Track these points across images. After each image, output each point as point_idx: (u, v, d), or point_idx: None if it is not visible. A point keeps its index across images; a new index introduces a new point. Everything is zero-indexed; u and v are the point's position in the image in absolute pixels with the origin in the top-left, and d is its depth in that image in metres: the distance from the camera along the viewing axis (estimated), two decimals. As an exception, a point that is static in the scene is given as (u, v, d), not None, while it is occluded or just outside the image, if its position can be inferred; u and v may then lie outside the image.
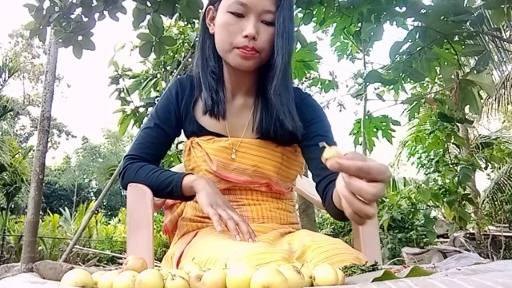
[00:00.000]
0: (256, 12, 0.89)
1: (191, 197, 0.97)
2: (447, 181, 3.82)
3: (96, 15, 2.06)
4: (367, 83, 3.64)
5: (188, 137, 1.06)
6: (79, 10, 2.07)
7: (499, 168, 6.89)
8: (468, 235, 5.70)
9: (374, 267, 0.67)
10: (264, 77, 0.95)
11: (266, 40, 0.90)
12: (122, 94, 3.80)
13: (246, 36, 0.89)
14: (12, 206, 9.62)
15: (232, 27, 0.90)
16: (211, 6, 0.97)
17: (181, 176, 0.94)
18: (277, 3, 0.90)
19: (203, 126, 1.02)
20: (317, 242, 0.82)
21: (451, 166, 3.67)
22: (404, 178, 8.80)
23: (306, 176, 1.33)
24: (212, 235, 0.92)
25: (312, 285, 0.58)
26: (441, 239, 6.56)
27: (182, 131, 1.08)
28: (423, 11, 1.76)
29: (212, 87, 0.97)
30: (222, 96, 0.97)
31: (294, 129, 0.94)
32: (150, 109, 3.68)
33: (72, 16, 2.07)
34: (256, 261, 0.70)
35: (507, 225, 6.69)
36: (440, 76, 2.33)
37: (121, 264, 0.69)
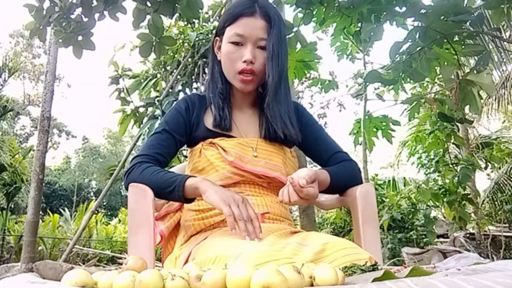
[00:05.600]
0: (252, 40, 1.06)
1: (191, 200, 1.00)
2: (447, 181, 3.82)
3: (96, 15, 2.06)
4: (367, 83, 3.64)
5: (197, 142, 1.13)
6: (79, 10, 2.07)
7: (499, 168, 6.88)
8: (468, 235, 5.70)
9: (374, 267, 0.67)
10: (264, 92, 1.12)
11: (262, 63, 1.07)
12: (122, 94, 3.81)
13: (245, 61, 1.06)
14: (12, 206, 9.62)
15: (233, 54, 1.08)
16: (217, 38, 1.15)
17: (185, 177, 0.98)
18: (269, 31, 1.06)
19: (214, 131, 1.12)
20: (337, 243, 0.85)
21: (451, 166, 3.68)
22: (404, 178, 8.79)
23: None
24: (222, 236, 0.95)
25: (312, 285, 0.58)
26: (441, 239, 6.56)
27: (187, 143, 1.18)
28: (423, 11, 1.76)
29: (220, 105, 1.12)
30: (227, 113, 1.12)
31: (286, 135, 1.11)
32: (150, 109, 3.68)
33: (72, 16, 2.07)
34: (267, 257, 0.72)
35: (507, 225, 6.69)
36: (440, 76, 2.33)
37: (121, 264, 0.69)
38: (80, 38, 2.10)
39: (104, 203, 19.62)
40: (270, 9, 1.09)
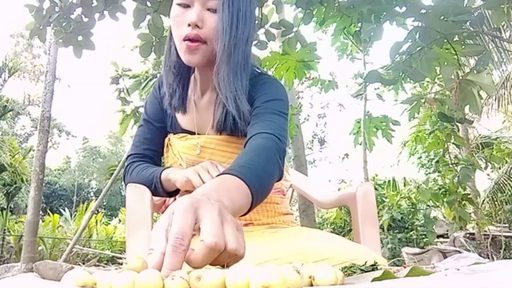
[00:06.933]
0: (200, 0, 0.86)
1: (175, 192, 0.95)
2: (447, 181, 3.82)
3: (96, 15, 2.06)
4: (367, 83, 3.64)
5: (167, 134, 1.06)
6: (79, 10, 2.07)
7: (499, 168, 6.89)
8: (468, 235, 5.70)
9: (373, 267, 0.67)
10: None
11: (212, 28, 0.86)
12: (122, 94, 3.81)
13: (189, 25, 0.85)
14: (12, 206, 9.62)
15: (179, 18, 0.88)
16: None
17: (159, 172, 0.93)
18: None
19: (178, 123, 1.03)
20: (338, 240, 0.82)
21: (451, 166, 3.68)
22: (404, 178, 8.80)
23: (306, 174, 1.34)
24: None
25: (311, 285, 0.58)
26: (441, 239, 6.56)
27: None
28: (423, 11, 1.76)
29: (170, 83, 0.96)
30: (179, 92, 0.96)
31: (240, 118, 0.90)
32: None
33: (72, 16, 2.07)
34: (266, 257, 0.72)
35: (507, 225, 6.69)
36: (440, 76, 2.33)
37: (121, 264, 0.69)
38: (80, 38, 2.10)
39: (104, 203, 19.64)
40: None
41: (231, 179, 0.64)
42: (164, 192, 0.94)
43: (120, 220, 12.56)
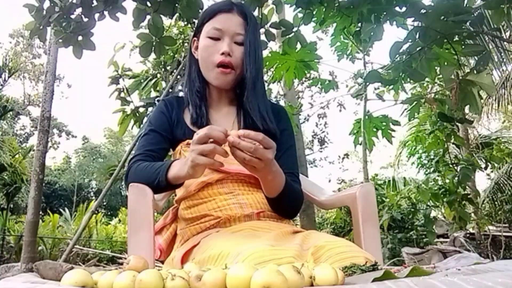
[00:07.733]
0: (229, 35, 1.09)
1: (179, 184, 1.02)
2: (447, 181, 3.82)
3: (96, 15, 2.06)
4: (367, 83, 3.63)
5: (178, 143, 1.15)
6: (79, 10, 2.07)
7: (499, 168, 6.88)
8: (468, 235, 5.70)
9: (374, 267, 0.67)
10: (241, 92, 1.15)
11: (239, 57, 1.10)
12: (122, 94, 3.80)
13: (222, 53, 1.08)
14: (12, 206, 9.62)
15: (211, 48, 1.10)
16: (195, 38, 1.18)
17: (165, 170, 0.98)
18: (246, 28, 1.10)
19: (193, 130, 1.11)
20: (332, 242, 0.84)
21: (451, 166, 3.68)
22: (404, 178, 8.80)
23: (307, 174, 1.34)
24: (222, 235, 0.96)
25: (312, 285, 0.58)
26: (441, 239, 6.57)
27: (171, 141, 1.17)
28: (423, 11, 1.76)
29: (196, 104, 1.14)
30: (204, 111, 1.14)
31: (265, 129, 1.09)
32: (150, 109, 3.68)
33: (72, 16, 2.06)
34: (269, 256, 0.73)
35: (507, 225, 6.70)
36: (440, 76, 2.33)
37: (121, 264, 0.69)
38: (80, 38, 2.10)
39: (104, 203, 19.64)
40: (246, 9, 1.14)
41: (283, 173, 1.02)
42: (168, 187, 1.00)
43: (120, 220, 12.55)
